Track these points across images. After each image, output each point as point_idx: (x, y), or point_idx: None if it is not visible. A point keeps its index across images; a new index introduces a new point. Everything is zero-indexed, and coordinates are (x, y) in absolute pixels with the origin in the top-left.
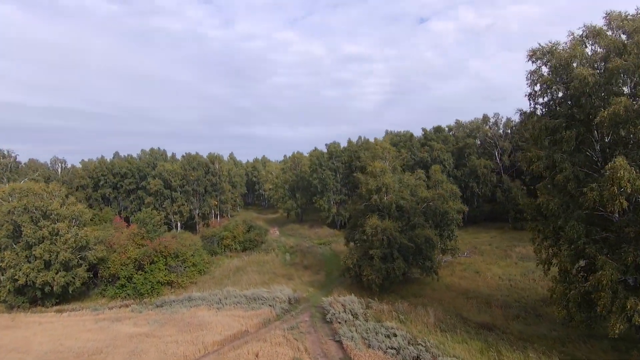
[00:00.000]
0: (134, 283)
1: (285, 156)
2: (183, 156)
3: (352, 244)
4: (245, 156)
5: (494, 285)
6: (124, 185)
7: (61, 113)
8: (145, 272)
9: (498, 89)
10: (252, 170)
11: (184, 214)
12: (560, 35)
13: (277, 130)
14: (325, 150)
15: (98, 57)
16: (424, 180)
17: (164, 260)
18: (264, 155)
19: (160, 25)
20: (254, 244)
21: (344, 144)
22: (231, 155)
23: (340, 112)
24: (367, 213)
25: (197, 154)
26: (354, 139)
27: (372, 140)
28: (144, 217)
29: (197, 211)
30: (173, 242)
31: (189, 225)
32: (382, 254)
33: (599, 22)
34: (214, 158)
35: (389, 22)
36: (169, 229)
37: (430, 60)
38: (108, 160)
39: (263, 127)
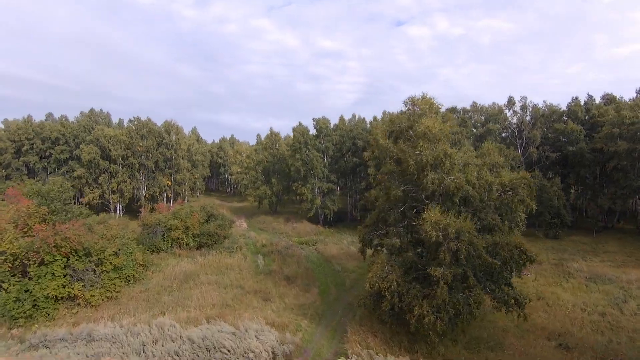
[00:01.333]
0: None
1: (258, 135)
2: (131, 120)
3: (371, 251)
4: (211, 138)
5: (583, 321)
6: (54, 154)
7: (12, 81)
8: (28, 279)
9: (465, 98)
10: (218, 150)
11: (126, 194)
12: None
13: (246, 120)
14: (312, 128)
15: (61, 26)
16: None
17: (64, 260)
18: (232, 135)
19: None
20: (214, 239)
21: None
22: (194, 131)
23: (313, 107)
24: (406, 203)
25: (148, 119)
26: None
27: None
28: (48, 189)
29: (143, 191)
30: (82, 231)
31: (133, 210)
32: (451, 275)
33: None
34: (170, 127)
35: (367, 21)
36: (105, 212)
37: (403, 63)
38: (37, 121)
39: (232, 116)
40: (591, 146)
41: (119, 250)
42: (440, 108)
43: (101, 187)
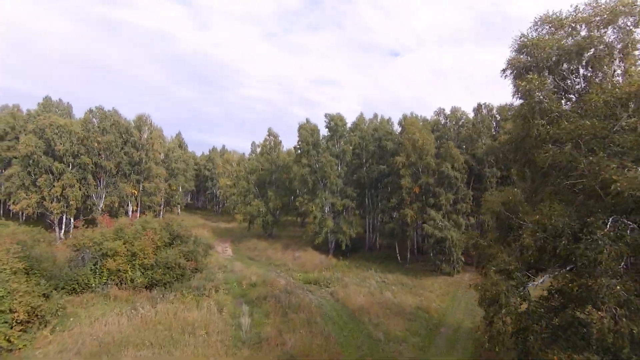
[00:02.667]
0: None
1: (253, 143)
2: (91, 110)
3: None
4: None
5: None
6: None
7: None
8: None
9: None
10: (207, 162)
11: (72, 203)
12: None
13: (242, 143)
14: (323, 128)
15: (56, 41)
16: None
17: None
18: (223, 146)
19: (131, 20)
20: (177, 274)
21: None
22: (178, 136)
23: None
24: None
25: (114, 110)
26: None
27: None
28: None
29: (99, 200)
30: None
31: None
32: None
33: None
34: (142, 123)
35: (363, 51)
36: (45, 228)
37: (397, 92)
38: None
39: (226, 137)
40: None
41: None
42: None
43: (40, 191)
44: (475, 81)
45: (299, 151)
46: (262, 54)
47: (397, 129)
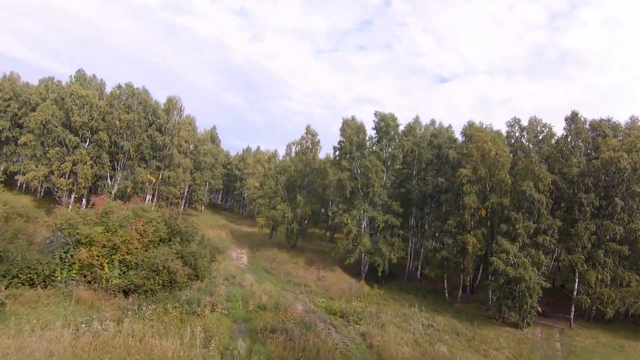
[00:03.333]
0: None
1: (289, 145)
2: (119, 86)
3: None
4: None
5: None
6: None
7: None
8: None
9: None
10: (239, 162)
11: (81, 181)
12: None
13: (279, 153)
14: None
15: (122, 41)
16: None
17: None
18: (259, 147)
19: (190, 26)
20: (165, 280)
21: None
22: (212, 130)
23: None
24: None
25: (144, 90)
26: None
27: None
28: None
29: (112, 183)
30: None
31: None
32: None
33: None
34: (171, 105)
35: (409, 73)
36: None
37: (440, 118)
38: (24, 82)
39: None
40: None
41: None
42: None
43: (50, 164)
44: (525, 112)
45: (338, 152)
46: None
47: (458, 139)
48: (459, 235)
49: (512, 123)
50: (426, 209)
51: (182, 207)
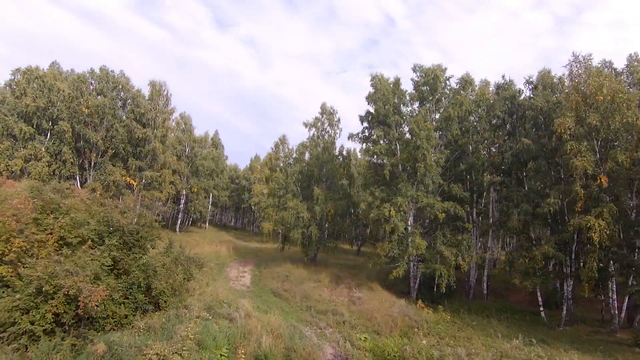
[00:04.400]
0: None
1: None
2: (92, 71)
3: None
4: None
5: None
6: None
7: None
8: None
9: None
10: (247, 171)
11: (34, 174)
12: None
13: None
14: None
15: (137, 77)
16: None
17: None
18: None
19: (201, 58)
20: (70, 309)
21: None
22: (215, 135)
23: None
24: None
25: (122, 74)
26: None
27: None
28: None
29: (76, 181)
30: None
31: None
32: None
33: None
34: (157, 91)
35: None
36: None
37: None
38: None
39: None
40: None
41: None
42: None
43: None
44: None
45: (368, 123)
46: (318, 91)
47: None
48: (571, 219)
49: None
50: (490, 193)
51: (178, 223)
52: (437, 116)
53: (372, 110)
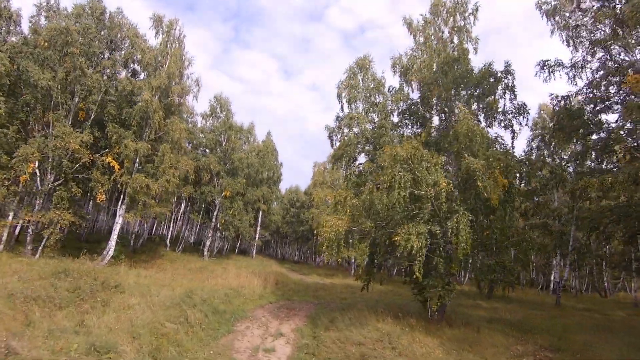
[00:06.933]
0: None
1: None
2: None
3: None
4: None
5: None
6: None
7: None
8: None
9: None
10: (309, 188)
11: None
12: None
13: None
14: None
15: None
16: None
17: None
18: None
19: (269, 105)
20: None
21: None
22: (268, 139)
23: None
24: None
25: (119, 10)
26: None
27: None
28: None
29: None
30: None
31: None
32: None
33: None
34: (158, 23)
35: None
36: None
37: None
38: None
39: None
40: None
41: None
42: None
43: None
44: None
45: None
46: None
47: None
48: None
49: None
50: None
51: (207, 244)
52: None
53: None
